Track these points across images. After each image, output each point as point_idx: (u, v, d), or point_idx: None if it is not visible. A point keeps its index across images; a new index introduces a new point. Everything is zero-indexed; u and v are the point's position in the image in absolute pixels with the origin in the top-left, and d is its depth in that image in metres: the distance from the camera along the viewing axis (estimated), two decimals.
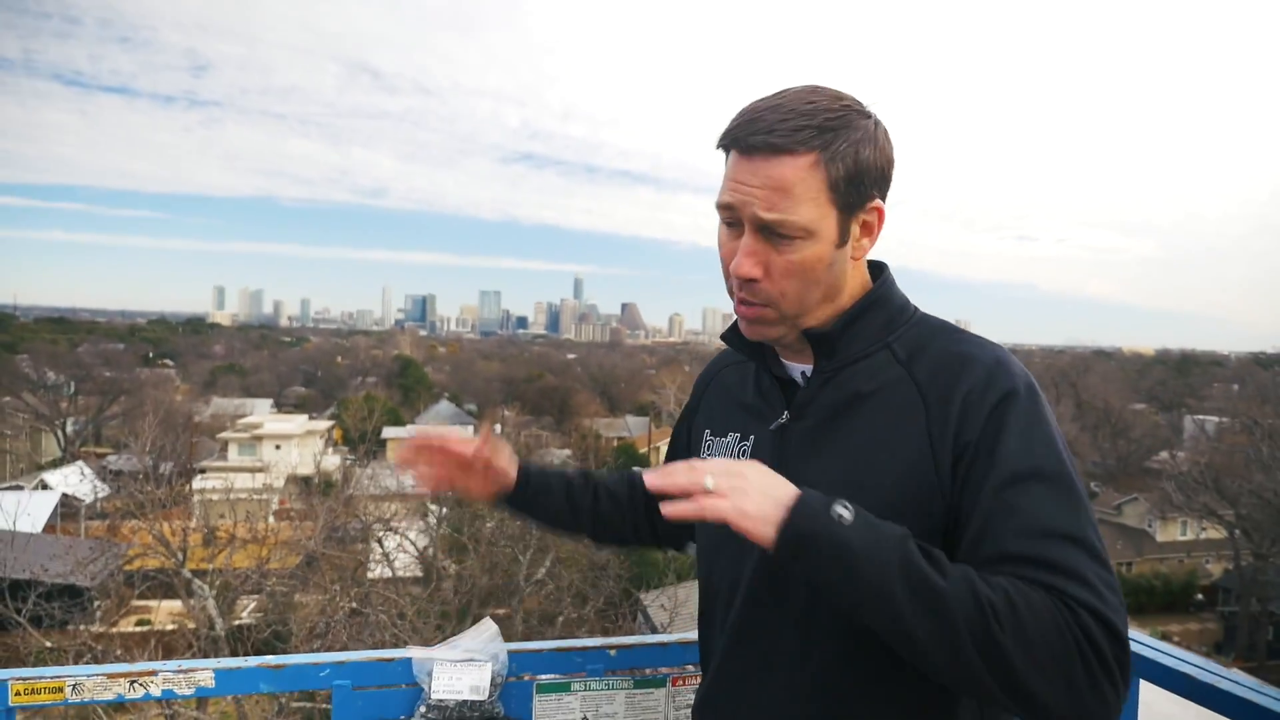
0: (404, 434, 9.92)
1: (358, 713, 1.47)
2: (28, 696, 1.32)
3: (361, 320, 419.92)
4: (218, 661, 1.41)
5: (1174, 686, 1.49)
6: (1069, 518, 1.03)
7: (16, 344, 68.36)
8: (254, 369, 71.52)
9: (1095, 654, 0.94)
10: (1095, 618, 0.96)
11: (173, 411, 33.46)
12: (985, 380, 1.11)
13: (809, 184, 1.10)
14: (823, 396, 1.20)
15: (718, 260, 1.21)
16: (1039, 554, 0.99)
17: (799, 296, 1.16)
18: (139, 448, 18.83)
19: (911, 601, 0.95)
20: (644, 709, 1.63)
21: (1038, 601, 0.96)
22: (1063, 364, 60.12)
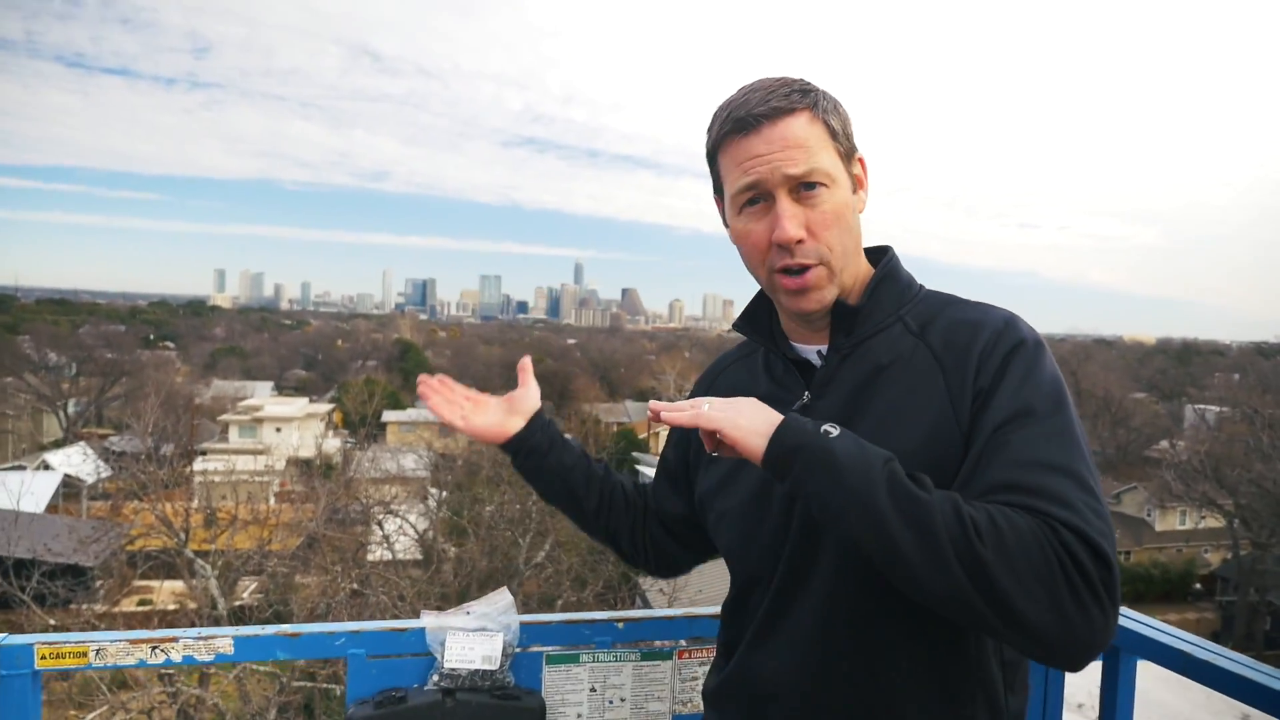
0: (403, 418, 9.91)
1: (372, 681, 1.48)
2: (53, 660, 1.34)
3: (362, 304, 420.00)
4: (237, 630, 1.42)
5: (1170, 663, 1.51)
6: (1059, 452, 1.05)
7: (18, 325, 68.39)
8: (255, 352, 71.57)
9: (1079, 571, 0.95)
10: (1077, 536, 0.97)
11: (174, 393, 33.49)
12: (996, 337, 1.16)
13: (815, 134, 1.19)
14: (843, 372, 1.23)
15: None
16: (1025, 481, 1.02)
17: (842, 246, 1.20)
18: (140, 429, 18.87)
19: (895, 510, 0.97)
20: (650, 681, 1.65)
21: (1019, 521, 0.97)
22: (1063, 352, 60.00)
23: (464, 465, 24.43)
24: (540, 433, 1.55)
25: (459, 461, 25.62)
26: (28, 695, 1.35)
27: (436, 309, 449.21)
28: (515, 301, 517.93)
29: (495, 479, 19.58)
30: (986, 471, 1.05)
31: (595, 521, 1.54)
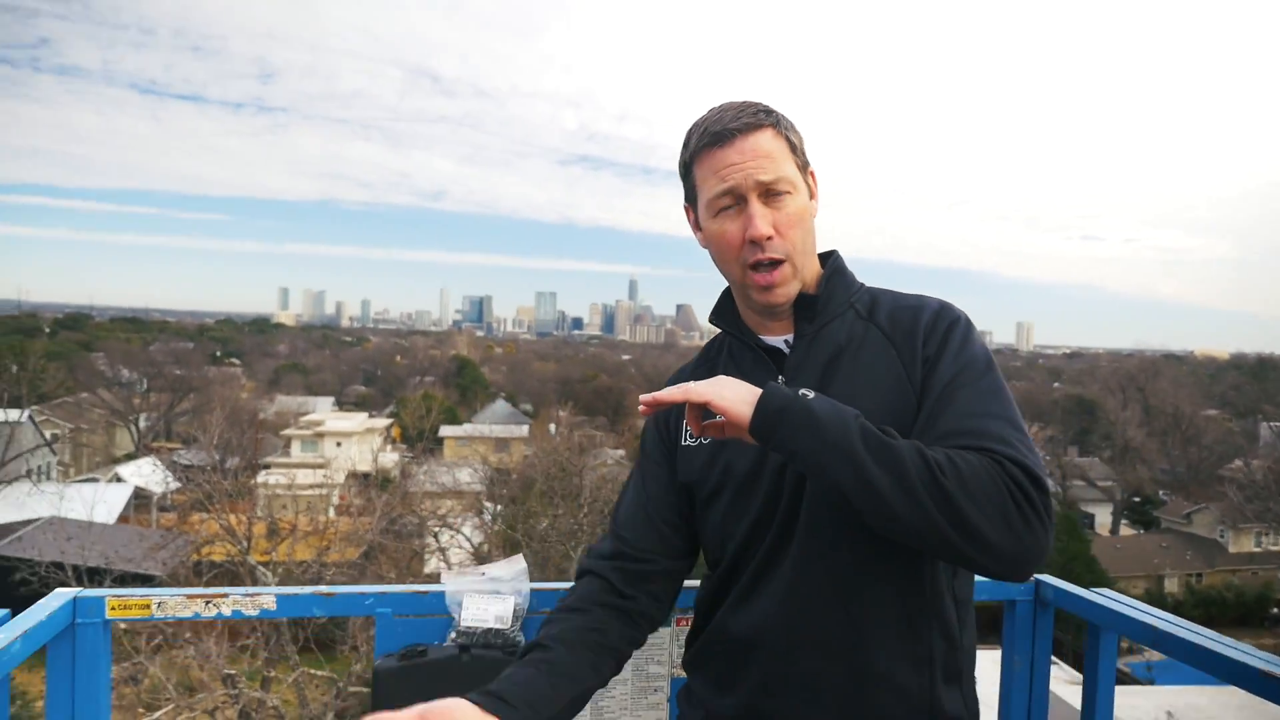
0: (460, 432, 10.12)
1: (397, 638, 1.65)
2: (121, 611, 1.53)
3: (420, 321, 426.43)
4: (279, 589, 1.60)
5: (1142, 638, 1.62)
6: (995, 403, 1.27)
7: (93, 343, 70.90)
8: (316, 368, 73.13)
9: (1024, 495, 1.15)
10: (1019, 467, 1.17)
11: (239, 408, 34.42)
12: (936, 316, 1.39)
13: (780, 147, 1.38)
14: (810, 356, 1.40)
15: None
16: (973, 426, 1.23)
17: (803, 244, 1.39)
18: (207, 443, 19.47)
19: (870, 455, 1.15)
20: (650, 645, 1.79)
21: (972, 458, 1.17)
22: (1130, 368, 58.46)
23: (519, 479, 24.74)
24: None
25: (514, 476, 25.96)
26: (99, 641, 1.54)
27: (493, 326, 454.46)
28: (570, 318, 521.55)
29: (549, 493, 19.85)
30: (939, 420, 1.26)
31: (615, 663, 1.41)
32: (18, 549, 21.02)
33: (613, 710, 1.76)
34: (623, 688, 1.76)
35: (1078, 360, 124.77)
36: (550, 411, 46.91)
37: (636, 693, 1.77)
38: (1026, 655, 1.88)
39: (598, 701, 1.76)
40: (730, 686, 1.41)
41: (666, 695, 1.77)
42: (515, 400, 59.28)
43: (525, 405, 58.07)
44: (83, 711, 1.52)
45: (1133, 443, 42.15)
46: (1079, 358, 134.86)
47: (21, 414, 29.24)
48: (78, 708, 1.52)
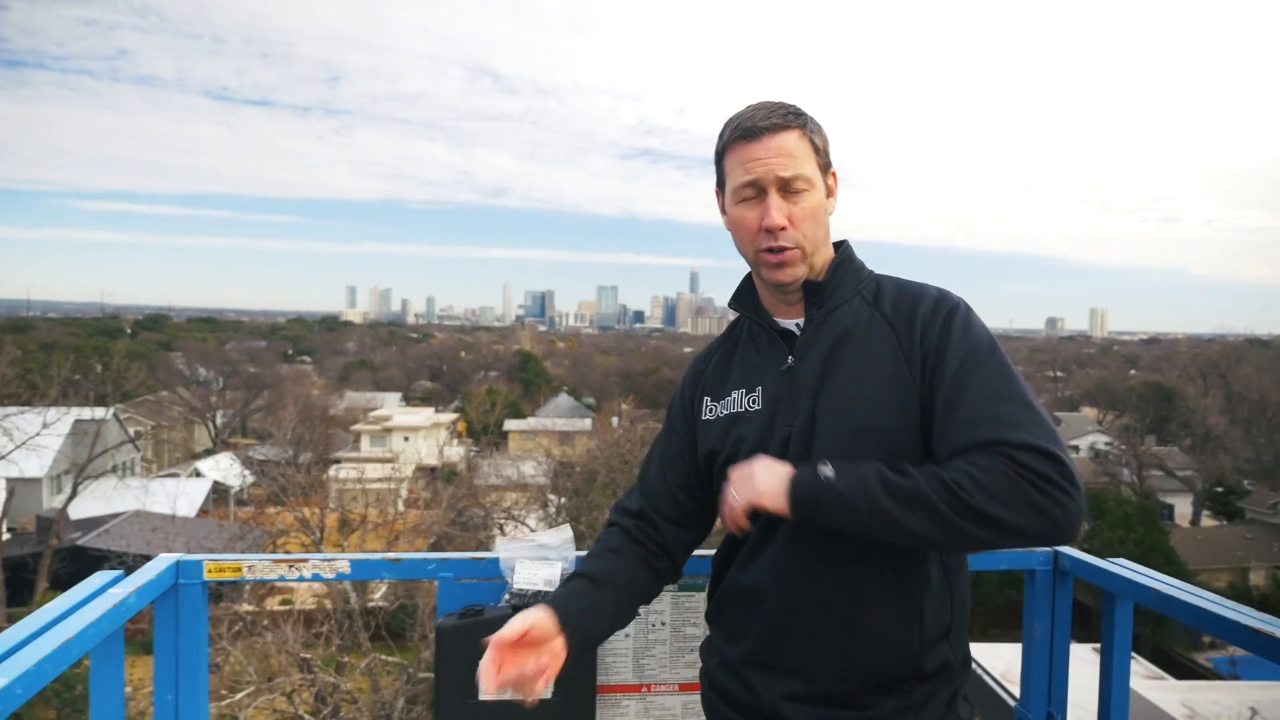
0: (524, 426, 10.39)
1: (457, 599, 1.83)
2: (217, 573, 1.74)
3: (484, 316, 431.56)
4: (352, 555, 1.79)
5: (1155, 604, 1.72)
6: (1002, 386, 1.38)
7: (171, 343, 73.44)
8: (384, 364, 74.51)
9: (1039, 476, 1.27)
10: (1029, 450, 1.28)
11: (310, 405, 35.37)
12: (934, 305, 1.50)
13: (803, 148, 1.51)
14: (818, 338, 1.54)
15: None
16: (984, 414, 1.35)
17: (813, 236, 1.52)
18: (281, 438, 20.11)
19: (898, 505, 1.30)
20: (686, 608, 1.95)
21: (986, 463, 1.29)
22: (1211, 353, 56.55)
23: (582, 472, 25.03)
24: (576, 636, 1.47)
25: (577, 469, 26.25)
26: (199, 600, 1.75)
27: (555, 320, 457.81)
28: (632, 311, 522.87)
29: (611, 485, 20.07)
30: (956, 410, 1.37)
31: (648, 602, 1.66)
32: (105, 541, 22.05)
33: (653, 668, 1.92)
34: (662, 648, 1.92)
35: (1155, 346, 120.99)
36: (613, 404, 47.18)
37: (674, 652, 1.93)
38: (1046, 623, 1.99)
39: (639, 659, 1.92)
40: (739, 636, 1.57)
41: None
42: (578, 394, 59.74)
43: (588, 399, 58.51)
44: (185, 661, 1.73)
45: (1214, 430, 40.77)
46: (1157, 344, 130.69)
47: (107, 412, 30.43)
48: (181, 658, 1.73)
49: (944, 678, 1.48)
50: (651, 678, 1.92)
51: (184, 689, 1.73)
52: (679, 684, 1.93)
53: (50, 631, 1.34)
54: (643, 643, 1.92)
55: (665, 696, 1.93)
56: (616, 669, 1.91)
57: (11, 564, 22.92)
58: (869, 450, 1.42)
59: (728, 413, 1.59)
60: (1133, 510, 26.00)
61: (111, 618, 1.45)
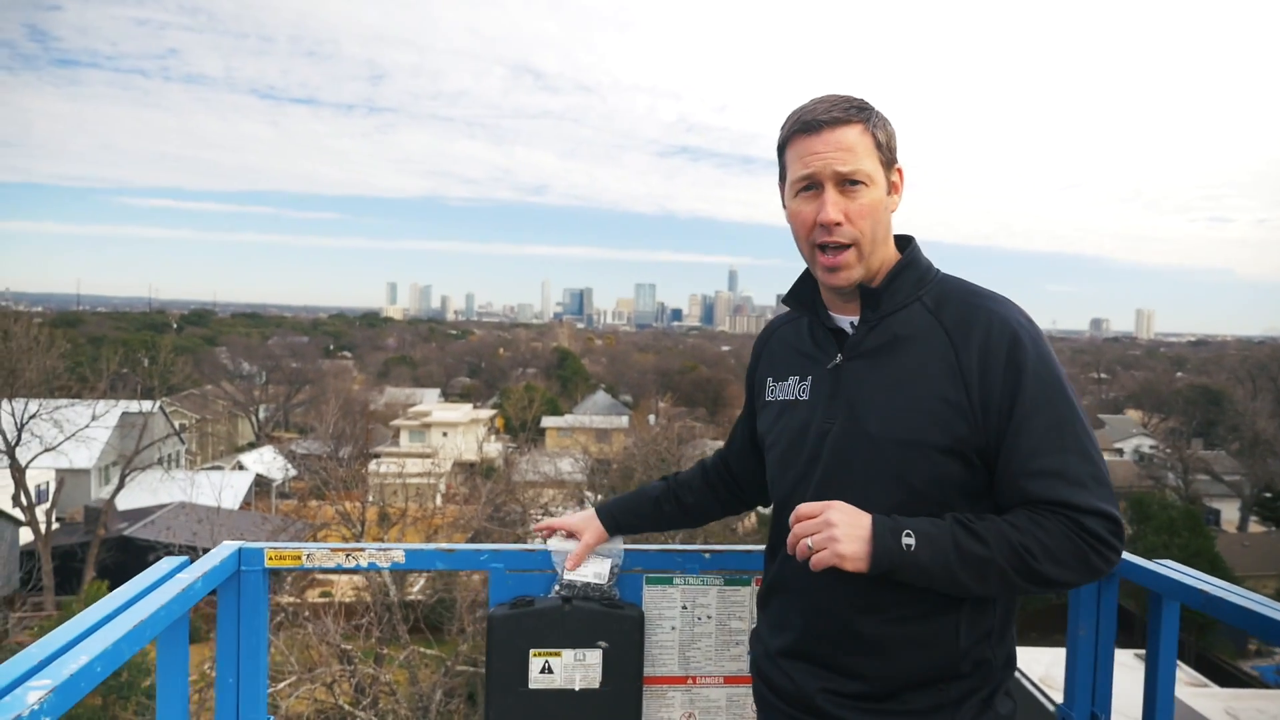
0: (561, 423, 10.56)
1: (508, 590, 1.88)
2: (277, 560, 1.80)
3: (522, 314, 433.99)
4: (407, 545, 1.84)
5: (1201, 605, 1.71)
6: (1067, 437, 1.41)
7: (216, 338, 74.81)
8: (423, 360, 75.31)
9: (1098, 540, 1.36)
10: (1095, 516, 1.37)
11: (350, 400, 35.80)
12: (1000, 329, 1.45)
13: (864, 144, 1.49)
14: (869, 340, 1.53)
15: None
16: (1047, 467, 1.39)
17: (871, 234, 1.50)
18: (323, 432, 20.37)
19: (971, 576, 1.37)
20: (732, 602, 1.97)
21: (1053, 526, 1.36)
22: (1261, 356, 55.32)
23: (619, 469, 25.11)
24: (618, 530, 1.97)
25: (614, 466, 26.34)
26: (260, 586, 1.81)
27: (593, 318, 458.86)
28: (670, 309, 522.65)
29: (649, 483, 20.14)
30: (1023, 455, 1.40)
31: (697, 524, 2.01)
32: (151, 531, 22.53)
33: (698, 660, 1.95)
34: (707, 640, 1.95)
35: (1203, 348, 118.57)
36: (650, 402, 47.21)
37: (720, 645, 1.96)
38: (1091, 623, 1.98)
39: (685, 652, 1.95)
40: (783, 627, 1.60)
41: (746, 648, 1.95)
42: (615, 391, 59.89)
43: (625, 396, 58.64)
44: (246, 645, 1.79)
45: (1263, 434, 39.86)
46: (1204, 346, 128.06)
47: (153, 405, 31.08)
48: (243, 641, 1.79)
49: (981, 675, 1.49)
50: (697, 670, 1.95)
51: (245, 672, 1.79)
52: (724, 676, 1.96)
53: (125, 613, 1.40)
54: (689, 635, 1.95)
55: (710, 689, 1.96)
56: (663, 660, 1.95)
57: (60, 553, 23.52)
58: (903, 463, 1.44)
59: (783, 398, 1.63)
60: (1177, 515, 25.53)
61: (181, 601, 1.52)
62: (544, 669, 1.81)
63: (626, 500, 1.98)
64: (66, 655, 1.22)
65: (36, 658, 1.21)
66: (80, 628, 1.33)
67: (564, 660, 1.82)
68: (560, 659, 1.82)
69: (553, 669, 1.82)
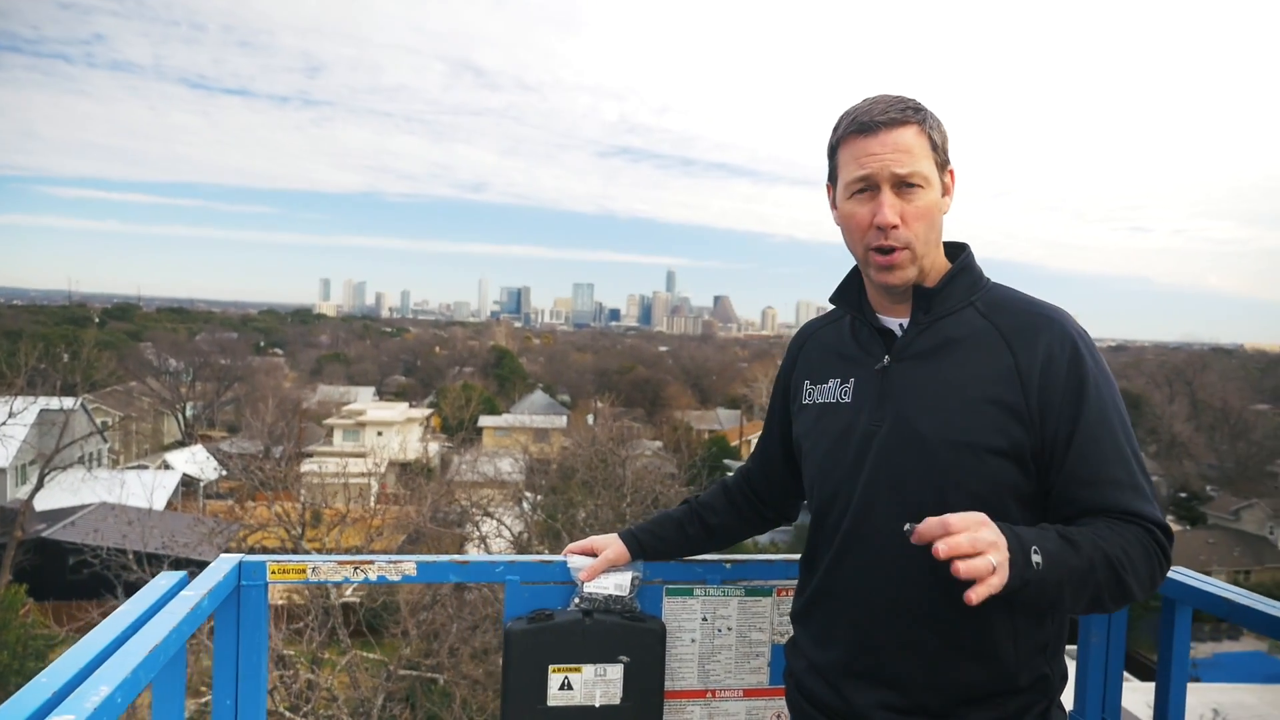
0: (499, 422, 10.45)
1: (525, 603, 1.81)
2: (280, 575, 1.70)
3: (459, 311, 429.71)
4: (419, 557, 1.75)
5: (1216, 610, 1.72)
6: (1131, 442, 1.42)
7: (141, 333, 72.29)
8: (357, 358, 73.93)
9: (1165, 558, 1.37)
10: (1160, 528, 1.37)
11: (283, 398, 34.99)
12: (1061, 335, 1.44)
13: (921, 145, 1.47)
14: (919, 342, 1.51)
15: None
16: (1117, 477, 1.38)
17: (926, 237, 1.48)
18: (259, 430, 19.89)
19: (1074, 592, 1.30)
20: (753, 614, 1.93)
21: (1132, 537, 1.34)
22: (1178, 361, 57.41)
23: (558, 469, 24.95)
24: (643, 554, 1.90)
25: (553, 465, 26.16)
26: (261, 602, 1.71)
27: (530, 316, 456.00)
28: (608, 309, 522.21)
29: (589, 483, 20.02)
30: (1093, 463, 1.39)
31: (721, 547, 1.92)
32: (72, 533, 21.67)
33: (718, 673, 1.91)
34: (727, 652, 1.91)
35: (1123, 353, 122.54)
36: (588, 402, 47.08)
37: (740, 657, 1.92)
38: (1103, 629, 1.99)
39: (705, 665, 1.90)
40: (830, 642, 1.55)
41: (767, 660, 1.92)
42: (553, 391, 59.61)
43: (563, 396, 58.41)
44: (246, 664, 1.69)
45: (1180, 437, 41.47)
46: (1125, 351, 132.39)
47: (74, 402, 29.95)
48: (242, 661, 1.69)
49: (1039, 691, 1.47)
50: (717, 683, 1.91)
51: (244, 692, 1.69)
52: (744, 689, 1.92)
53: (136, 636, 1.30)
54: (709, 648, 1.90)
55: (730, 702, 1.91)
56: (683, 674, 1.90)
57: None
58: (957, 466, 1.41)
59: (823, 401, 1.60)
60: None
61: (189, 621, 1.42)
62: (563, 685, 1.75)
63: (650, 524, 1.92)
64: (85, 685, 1.12)
65: (50, 688, 1.11)
66: (89, 653, 1.23)
67: (584, 676, 1.76)
68: (580, 674, 1.76)
69: (572, 685, 1.75)
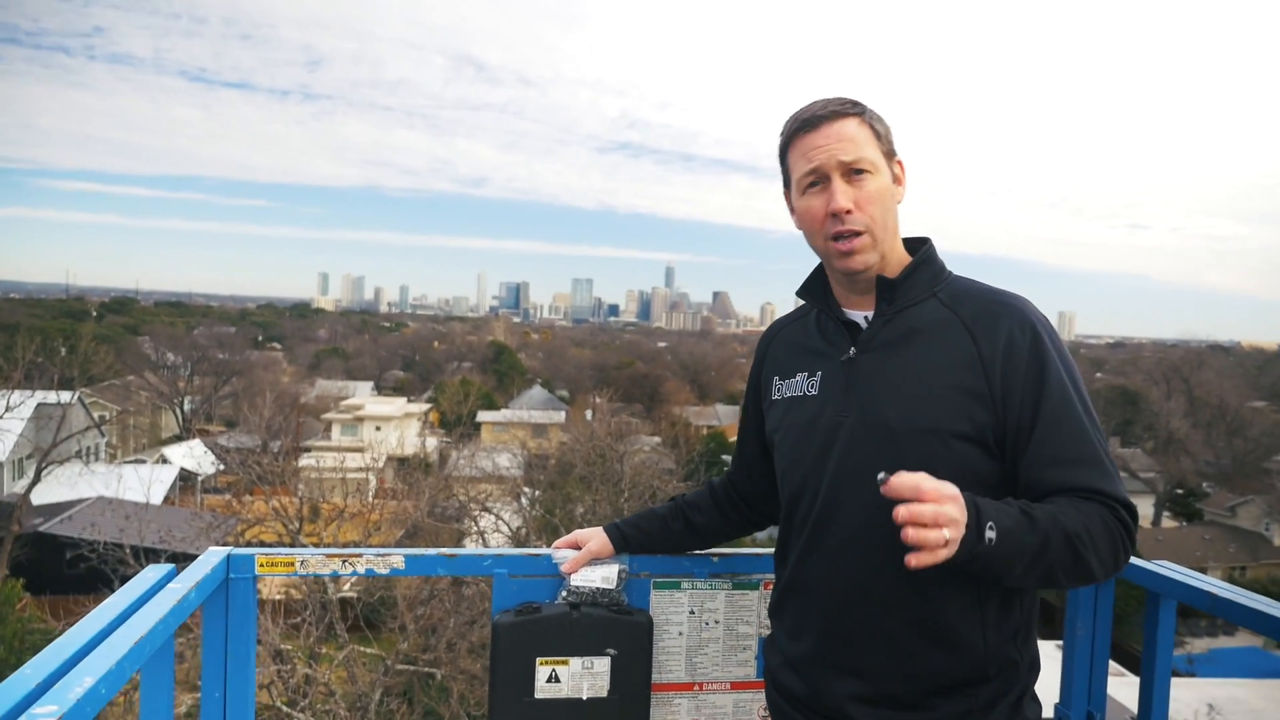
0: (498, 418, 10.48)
1: (512, 596, 1.82)
2: (269, 568, 1.70)
3: (457, 306, 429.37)
4: (407, 550, 1.76)
5: (1200, 604, 1.73)
6: (1093, 424, 1.43)
7: (138, 327, 72.20)
8: (355, 353, 73.87)
9: (1128, 535, 1.38)
10: (1122, 505, 1.38)
11: (281, 393, 34.95)
12: (1022, 321, 1.47)
13: (864, 134, 1.52)
14: (884, 333, 1.53)
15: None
16: (1081, 455, 1.41)
17: (881, 220, 1.51)
18: (257, 424, 19.87)
19: (1030, 573, 1.32)
20: (740, 606, 1.94)
21: (1094, 514, 1.35)
22: (1175, 358, 57.44)
23: (556, 465, 24.95)
24: (627, 547, 1.91)
25: (552, 461, 26.16)
26: (249, 595, 1.72)
27: (529, 312, 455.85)
28: (606, 304, 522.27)
29: (587, 478, 20.04)
30: (1056, 444, 1.41)
31: (704, 546, 1.94)
32: (69, 528, 21.68)
33: (705, 666, 1.92)
34: (715, 645, 1.92)
35: (1121, 350, 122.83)
36: (586, 398, 47.08)
37: (727, 650, 1.93)
38: (1089, 623, 2.00)
39: (692, 658, 1.91)
40: (800, 633, 1.57)
41: (754, 653, 1.92)
42: (552, 386, 59.60)
43: (561, 391, 58.39)
44: (235, 657, 1.70)
45: (1176, 434, 41.51)
46: (1122, 348, 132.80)
47: (72, 396, 29.91)
48: (230, 653, 1.69)
49: (1010, 678, 1.48)
50: (704, 676, 1.92)
51: (232, 686, 1.70)
52: (731, 682, 1.93)
53: (122, 628, 1.31)
54: (696, 641, 1.91)
55: (717, 695, 1.92)
56: (670, 667, 1.90)
57: None
58: (924, 453, 1.41)
59: (790, 395, 1.62)
60: None
61: (176, 614, 1.42)
62: (551, 678, 1.75)
63: (634, 519, 1.94)
64: (69, 677, 1.12)
65: (33, 680, 1.11)
66: (74, 645, 1.24)
67: (571, 669, 1.77)
68: (568, 667, 1.76)
69: (560, 678, 1.76)
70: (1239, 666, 17.33)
